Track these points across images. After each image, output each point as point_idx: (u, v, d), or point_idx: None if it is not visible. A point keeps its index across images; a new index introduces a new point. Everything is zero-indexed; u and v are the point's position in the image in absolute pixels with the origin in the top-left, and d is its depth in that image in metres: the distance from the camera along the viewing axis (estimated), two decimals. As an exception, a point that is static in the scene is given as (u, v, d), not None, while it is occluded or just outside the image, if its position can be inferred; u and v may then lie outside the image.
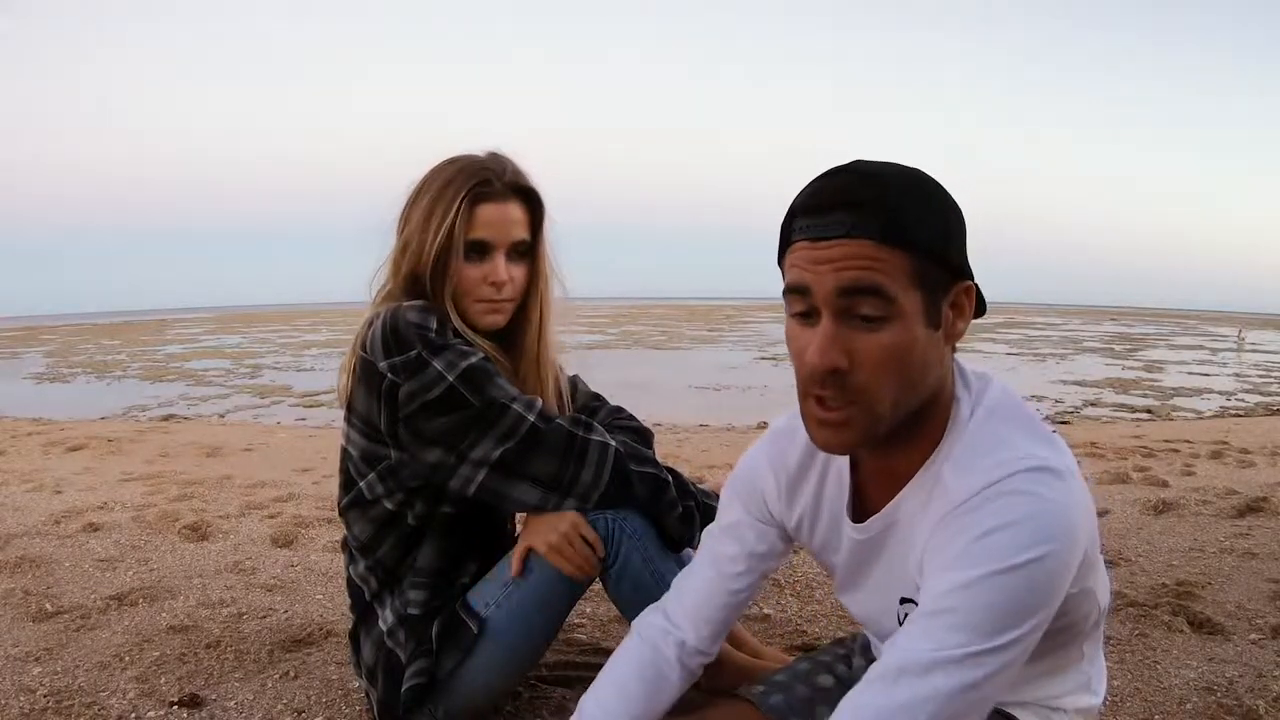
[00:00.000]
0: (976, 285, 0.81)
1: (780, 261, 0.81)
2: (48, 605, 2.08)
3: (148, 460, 4.84)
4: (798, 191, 0.79)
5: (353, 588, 1.42)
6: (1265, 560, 2.41)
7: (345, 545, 1.44)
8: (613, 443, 1.31)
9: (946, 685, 0.72)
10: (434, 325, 1.24)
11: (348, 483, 1.37)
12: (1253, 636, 1.85)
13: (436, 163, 1.34)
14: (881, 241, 0.73)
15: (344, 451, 1.37)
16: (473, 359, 1.25)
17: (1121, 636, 1.85)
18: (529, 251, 1.36)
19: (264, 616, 2.02)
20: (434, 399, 1.23)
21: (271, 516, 3.07)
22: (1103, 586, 0.88)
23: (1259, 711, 1.50)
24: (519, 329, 1.40)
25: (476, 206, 1.29)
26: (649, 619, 1.06)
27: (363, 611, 1.41)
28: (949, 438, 0.82)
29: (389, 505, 1.34)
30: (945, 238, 0.76)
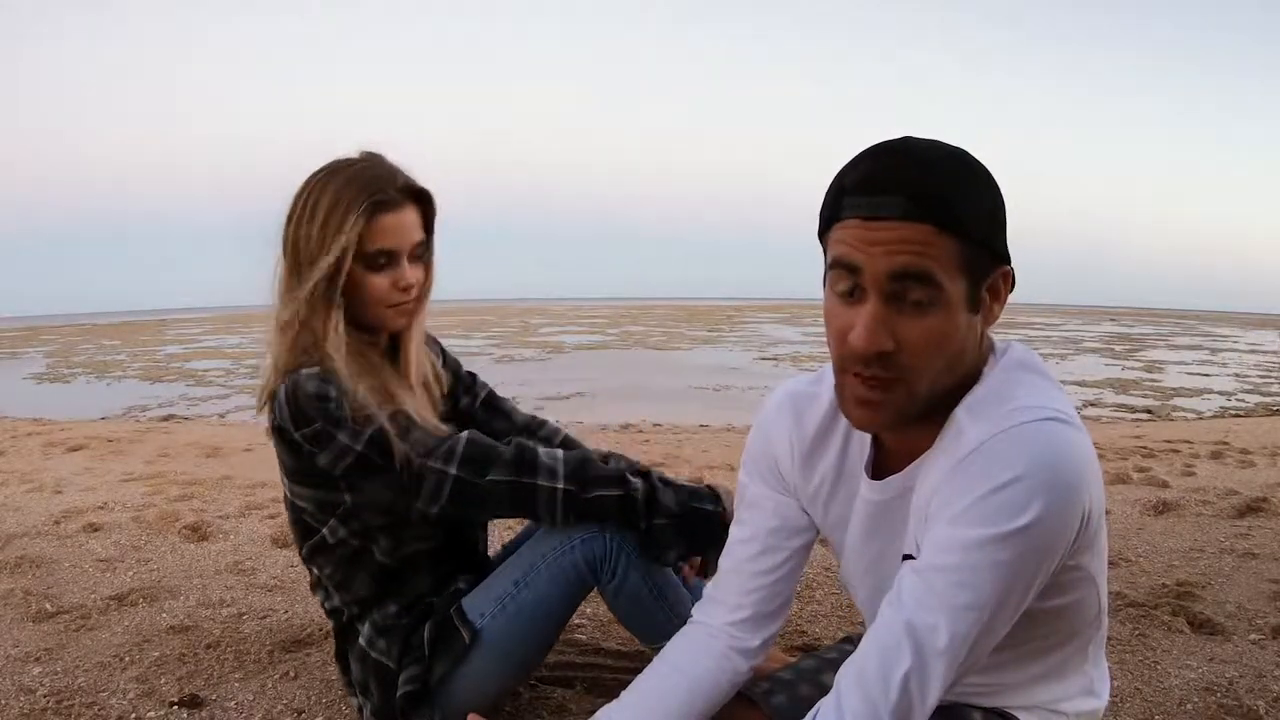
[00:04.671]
0: (1011, 268, 0.81)
1: (822, 235, 0.80)
2: (48, 605, 2.08)
3: (148, 460, 4.84)
4: (845, 166, 0.78)
5: (331, 613, 1.42)
6: (1265, 560, 2.41)
7: (317, 584, 1.42)
8: (560, 484, 1.28)
9: (952, 642, 0.74)
10: (332, 394, 1.23)
11: (306, 531, 1.36)
12: (1253, 636, 1.85)
13: (313, 174, 1.29)
14: (937, 228, 0.73)
15: (292, 504, 1.36)
16: (375, 425, 1.24)
17: (1121, 636, 1.85)
18: (425, 251, 1.36)
19: (264, 617, 2.02)
20: (350, 465, 1.26)
21: (271, 516, 3.07)
22: (1101, 575, 0.88)
23: (1259, 711, 1.50)
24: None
25: (375, 218, 1.26)
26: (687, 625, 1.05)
27: (342, 631, 1.42)
28: (970, 390, 0.82)
29: (355, 544, 1.34)
30: (993, 224, 0.77)
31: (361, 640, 1.36)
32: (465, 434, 1.30)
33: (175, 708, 1.55)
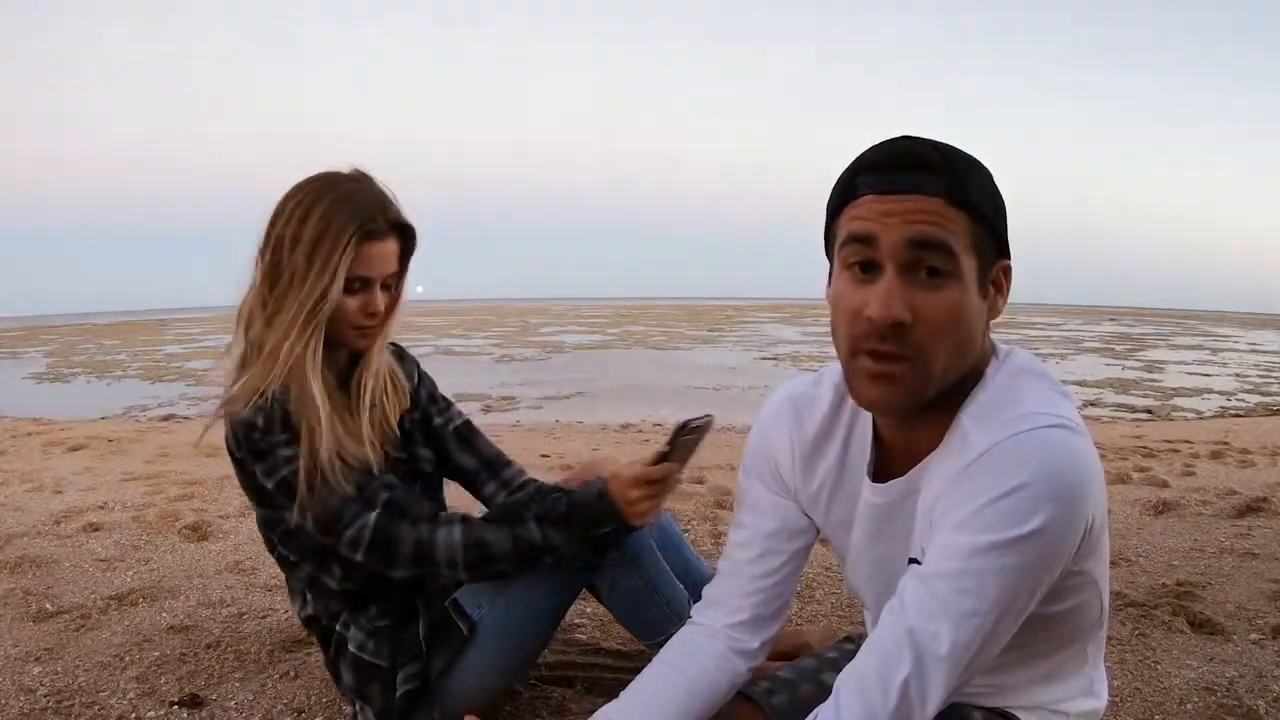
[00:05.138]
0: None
1: (830, 223, 0.83)
2: (48, 605, 2.08)
3: (148, 460, 4.83)
4: (854, 159, 0.81)
5: (311, 623, 1.42)
6: (1265, 560, 2.42)
7: (293, 592, 1.43)
8: (461, 573, 1.29)
9: (954, 649, 0.74)
10: (260, 424, 1.24)
11: (270, 546, 1.39)
12: (1253, 636, 1.85)
13: (304, 186, 1.30)
14: (949, 202, 0.76)
15: (257, 520, 1.39)
16: (287, 469, 1.25)
17: (1121, 636, 1.85)
18: (396, 283, 1.38)
19: (264, 616, 2.02)
20: (269, 490, 1.28)
21: (271, 516, 3.07)
22: (1104, 578, 0.88)
23: (1259, 711, 1.50)
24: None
25: (363, 245, 1.28)
26: (686, 626, 1.05)
27: (325, 639, 1.41)
28: (973, 393, 0.83)
29: (308, 569, 1.35)
30: (998, 211, 0.80)
31: (351, 646, 1.36)
32: (372, 520, 1.27)
33: (175, 707, 1.55)
